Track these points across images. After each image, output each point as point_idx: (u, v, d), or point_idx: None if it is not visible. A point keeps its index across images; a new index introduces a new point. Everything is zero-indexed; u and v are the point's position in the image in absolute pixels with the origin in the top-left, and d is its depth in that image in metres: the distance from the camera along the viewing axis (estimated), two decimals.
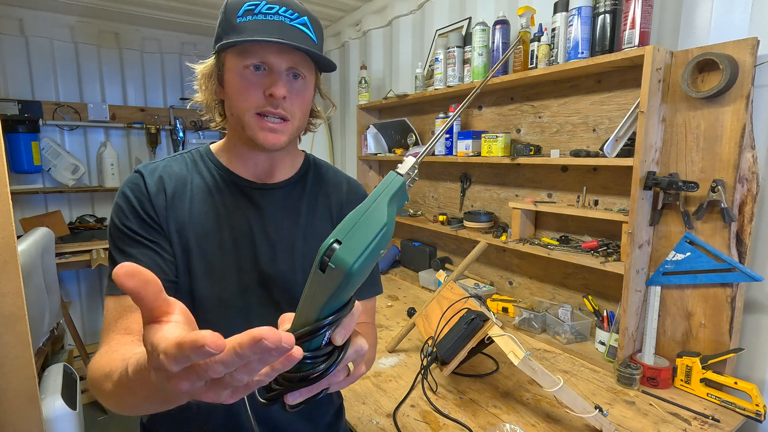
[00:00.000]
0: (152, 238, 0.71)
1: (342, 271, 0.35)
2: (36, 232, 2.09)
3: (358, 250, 0.35)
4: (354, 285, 0.37)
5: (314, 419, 0.83)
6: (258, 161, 0.78)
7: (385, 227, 0.36)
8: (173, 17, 2.97)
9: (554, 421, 1.09)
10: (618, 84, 1.46)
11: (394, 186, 0.38)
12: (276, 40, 0.64)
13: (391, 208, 0.37)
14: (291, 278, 0.76)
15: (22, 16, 2.78)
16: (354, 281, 0.36)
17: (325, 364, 0.39)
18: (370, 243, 0.36)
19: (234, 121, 0.73)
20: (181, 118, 3.34)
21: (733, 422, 1.09)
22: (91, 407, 2.55)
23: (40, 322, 1.91)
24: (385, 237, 0.36)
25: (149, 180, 0.73)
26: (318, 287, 0.37)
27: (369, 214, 0.37)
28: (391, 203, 0.38)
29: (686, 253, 1.24)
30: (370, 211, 0.37)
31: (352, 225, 0.37)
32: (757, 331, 1.22)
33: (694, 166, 1.24)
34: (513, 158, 1.66)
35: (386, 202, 0.37)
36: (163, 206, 0.73)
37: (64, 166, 2.91)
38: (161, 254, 0.71)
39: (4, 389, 1.22)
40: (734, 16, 1.20)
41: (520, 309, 1.67)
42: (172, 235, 0.73)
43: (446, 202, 2.28)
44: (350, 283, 0.36)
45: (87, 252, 2.68)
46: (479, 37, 1.77)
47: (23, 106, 2.78)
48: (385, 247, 0.37)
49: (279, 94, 0.67)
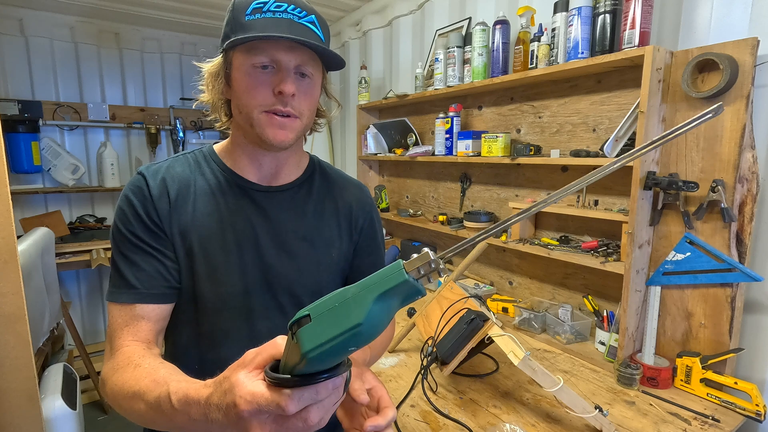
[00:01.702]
0: (155, 244, 0.71)
1: (299, 351, 0.33)
2: (36, 232, 2.09)
3: (320, 339, 0.32)
4: (315, 367, 0.34)
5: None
6: (264, 162, 0.78)
7: (358, 327, 0.32)
8: (173, 17, 2.97)
9: (554, 421, 1.09)
10: (618, 84, 1.46)
11: (389, 282, 0.32)
12: (286, 36, 0.64)
13: (379, 305, 0.32)
14: (295, 282, 0.76)
15: (22, 16, 2.78)
16: (313, 366, 0.34)
17: None
18: (334, 338, 0.32)
19: (242, 120, 0.72)
20: (181, 118, 3.34)
21: (733, 422, 1.09)
22: (91, 407, 2.55)
23: (40, 322, 1.91)
24: (357, 337, 0.32)
25: (152, 183, 0.73)
26: (289, 348, 0.36)
27: (348, 304, 0.33)
28: (382, 300, 0.32)
29: (686, 253, 1.24)
30: (350, 301, 0.33)
31: (329, 308, 0.33)
32: (757, 331, 1.22)
33: (694, 166, 1.24)
34: (513, 158, 1.66)
35: (372, 299, 0.32)
36: (166, 210, 0.72)
37: (64, 166, 2.91)
38: (163, 262, 0.71)
39: (4, 389, 1.22)
40: (734, 16, 1.20)
41: (520, 309, 1.67)
42: (175, 238, 0.72)
43: (446, 202, 2.28)
44: (309, 365, 0.33)
45: (87, 252, 2.68)
46: (479, 37, 1.77)
47: (23, 106, 2.78)
48: (359, 346, 0.33)
49: (288, 91, 0.67)
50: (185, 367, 0.77)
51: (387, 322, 0.34)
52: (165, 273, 0.71)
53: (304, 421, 0.37)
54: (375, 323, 0.32)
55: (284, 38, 0.65)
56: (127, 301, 0.69)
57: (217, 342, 0.74)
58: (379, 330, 0.34)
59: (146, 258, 0.70)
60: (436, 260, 0.32)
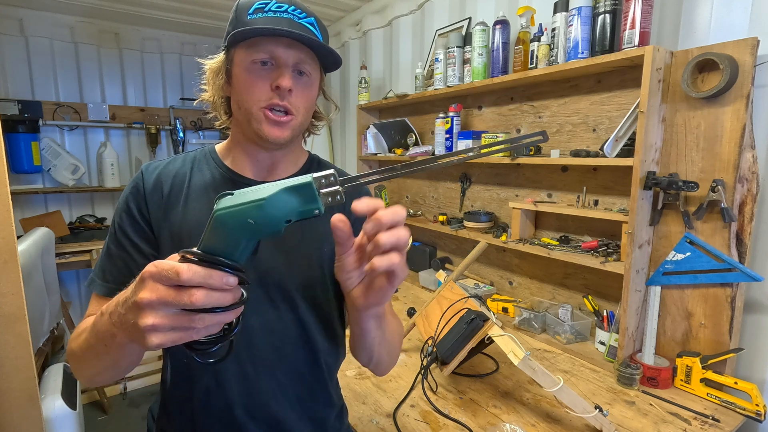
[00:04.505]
0: (137, 240, 0.75)
1: (213, 215, 0.41)
2: (36, 232, 2.09)
3: (230, 203, 0.40)
4: (216, 233, 0.42)
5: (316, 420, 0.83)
6: (260, 158, 0.79)
7: (261, 201, 0.39)
8: (173, 17, 2.97)
9: (554, 421, 1.09)
10: (618, 84, 1.46)
11: (298, 182, 0.40)
12: (286, 29, 0.67)
13: (283, 195, 0.39)
14: (287, 276, 0.76)
15: (22, 16, 2.78)
16: (215, 227, 0.41)
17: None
18: (241, 204, 0.40)
19: (240, 116, 0.74)
20: (181, 118, 3.34)
21: (733, 422, 1.09)
22: (91, 407, 2.55)
23: (40, 322, 1.91)
24: (259, 209, 0.39)
25: (147, 178, 0.77)
26: (208, 223, 0.43)
27: (262, 188, 0.40)
28: (287, 192, 0.40)
29: (686, 253, 1.24)
30: (264, 188, 0.40)
31: (248, 190, 0.41)
32: (757, 331, 1.22)
33: (694, 166, 1.24)
34: (513, 158, 1.66)
35: (281, 188, 0.40)
36: (158, 205, 0.75)
37: (64, 166, 2.91)
38: (136, 259, 0.74)
39: (4, 389, 1.22)
40: (734, 16, 1.20)
41: (520, 309, 1.67)
42: (165, 233, 0.74)
43: (446, 202, 2.28)
44: (213, 227, 0.41)
45: (87, 252, 2.69)
46: (479, 37, 1.77)
47: (23, 106, 2.78)
48: (257, 221, 0.40)
49: (285, 85, 0.69)
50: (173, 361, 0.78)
51: (285, 212, 0.40)
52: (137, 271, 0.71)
53: (190, 296, 0.41)
54: (276, 206, 0.39)
55: (283, 33, 0.67)
56: (99, 292, 0.74)
57: None
58: (277, 216, 0.40)
59: (122, 254, 0.74)
60: (335, 174, 0.40)
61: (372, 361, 0.76)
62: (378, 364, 0.79)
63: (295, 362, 0.77)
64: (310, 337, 0.77)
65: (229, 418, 0.75)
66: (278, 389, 0.76)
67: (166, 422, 0.82)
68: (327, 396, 0.83)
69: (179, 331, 0.43)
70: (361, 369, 1.36)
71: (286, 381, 0.76)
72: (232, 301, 0.43)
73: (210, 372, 0.74)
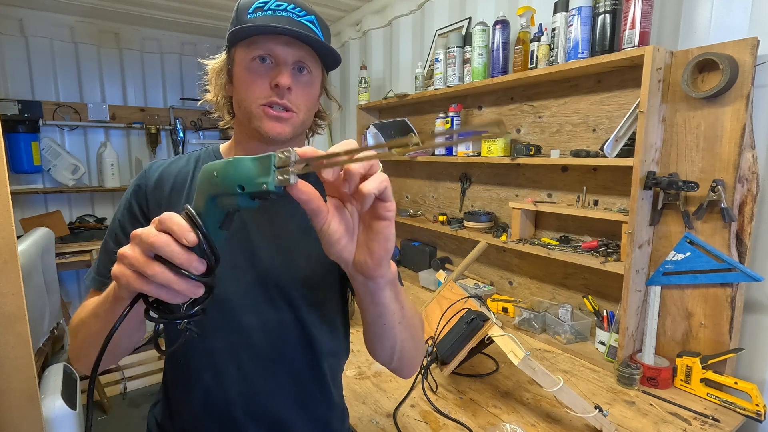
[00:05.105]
0: None
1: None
2: (36, 232, 2.09)
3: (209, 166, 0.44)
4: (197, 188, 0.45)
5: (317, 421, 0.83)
6: None
7: (231, 160, 0.42)
8: (173, 17, 2.97)
9: (554, 421, 1.09)
10: (618, 84, 1.46)
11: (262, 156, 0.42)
12: (285, 27, 0.67)
13: (249, 162, 0.42)
14: (288, 276, 0.76)
15: (22, 16, 2.78)
16: (198, 181, 0.45)
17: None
18: (216, 165, 0.43)
19: (241, 115, 0.74)
20: (181, 118, 3.34)
21: (733, 422, 1.09)
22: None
23: (40, 322, 1.91)
24: (224, 165, 0.43)
25: (151, 177, 0.78)
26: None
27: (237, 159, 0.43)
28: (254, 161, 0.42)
29: (686, 253, 1.24)
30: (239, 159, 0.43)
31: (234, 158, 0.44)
32: (757, 331, 1.22)
33: (694, 166, 1.24)
34: (513, 158, 1.66)
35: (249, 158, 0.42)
36: (159, 203, 0.75)
37: (64, 166, 2.91)
38: None
39: (4, 389, 1.22)
40: (734, 16, 1.20)
41: (520, 309, 1.67)
42: None
43: (446, 202, 2.28)
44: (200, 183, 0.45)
45: (87, 252, 2.69)
46: (479, 37, 1.77)
47: (23, 106, 2.78)
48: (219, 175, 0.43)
49: (284, 83, 0.69)
50: (172, 359, 0.78)
51: (241, 176, 0.42)
52: None
53: (149, 236, 0.43)
54: (237, 168, 0.42)
55: (281, 31, 0.67)
56: (93, 287, 0.74)
57: (205, 335, 0.74)
58: (234, 177, 0.42)
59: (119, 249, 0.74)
60: (293, 151, 0.41)
61: (395, 351, 0.66)
62: (402, 355, 0.68)
63: (295, 362, 0.77)
64: (310, 337, 0.77)
65: (228, 419, 0.75)
66: (278, 390, 0.76)
67: (167, 422, 0.82)
68: (328, 397, 0.83)
69: (134, 272, 0.45)
70: (361, 369, 1.36)
71: (286, 381, 0.76)
72: (187, 263, 0.43)
73: (210, 372, 0.74)
